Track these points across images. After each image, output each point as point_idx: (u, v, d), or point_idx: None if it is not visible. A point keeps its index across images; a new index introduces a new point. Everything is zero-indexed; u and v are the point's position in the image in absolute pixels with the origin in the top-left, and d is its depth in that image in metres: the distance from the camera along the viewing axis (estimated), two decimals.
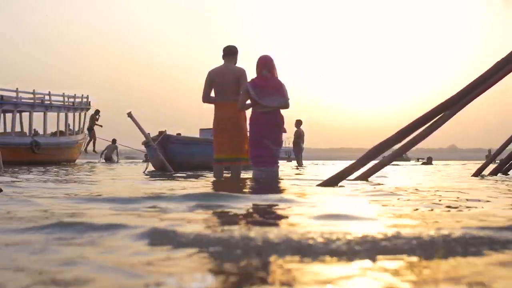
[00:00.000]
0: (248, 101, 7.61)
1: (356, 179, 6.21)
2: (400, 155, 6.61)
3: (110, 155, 28.31)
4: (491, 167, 9.38)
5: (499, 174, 8.92)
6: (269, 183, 6.63)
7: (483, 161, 10.55)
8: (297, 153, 21.22)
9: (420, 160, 31.81)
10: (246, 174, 8.51)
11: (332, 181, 5.48)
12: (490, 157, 9.29)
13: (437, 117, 5.72)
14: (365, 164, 5.73)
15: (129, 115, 10.13)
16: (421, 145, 6.66)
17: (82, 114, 28.15)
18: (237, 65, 8.26)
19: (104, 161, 27.43)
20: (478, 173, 8.74)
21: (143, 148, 29.25)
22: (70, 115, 27.15)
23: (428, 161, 28.55)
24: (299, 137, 21.02)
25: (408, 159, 43.56)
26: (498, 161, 9.48)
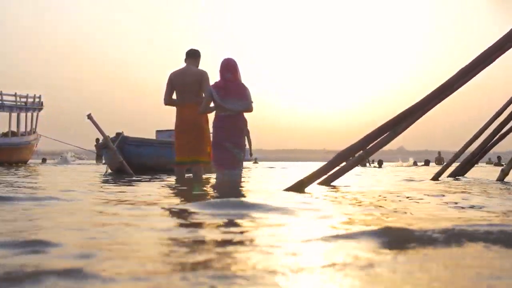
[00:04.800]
0: (212, 104, 7.57)
1: (320, 183, 6.21)
2: (363, 161, 6.66)
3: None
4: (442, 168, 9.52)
5: (456, 177, 9.11)
6: (232, 187, 6.60)
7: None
8: None
9: (374, 162, 32.16)
10: (210, 177, 8.45)
11: (299, 186, 5.50)
12: (450, 160, 9.42)
13: (399, 124, 5.79)
14: (332, 169, 5.76)
15: (89, 117, 9.93)
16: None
17: (35, 114, 27.62)
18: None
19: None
20: (437, 177, 8.86)
21: (94, 148, 28.87)
22: (23, 115, 26.59)
23: (379, 165, 28.86)
24: None
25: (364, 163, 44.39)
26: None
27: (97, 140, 29.31)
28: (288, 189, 5.52)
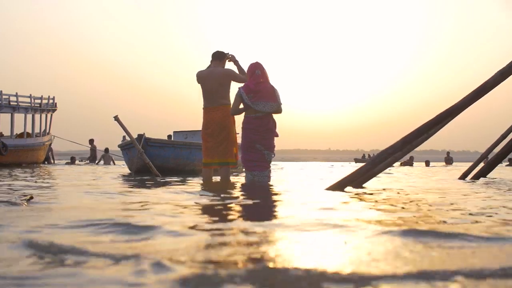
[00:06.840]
0: (241, 106, 7.64)
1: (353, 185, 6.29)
2: (393, 162, 6.72)
3: (108, 163, 28.24)
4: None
5: (481, 178, 9.14)
6: (263, 188, 6.68)
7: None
8: None
9: None
10: (237, 178, 8.52)
11: (339, 187, 5.62)
12: (477, 161, 9.47)
13: (435, 127, 5.87)
14: (371, 170, 5.85)
15: (116, 118, 10.06)
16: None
17: (49, 115, 27.79)
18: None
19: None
20: (464, 177, 8.92)
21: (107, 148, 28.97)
22: (37, 116, 26.75)
23: None
24: None
25: None
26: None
27: (90, 141, 29.73)
28: (329, 189, 5.65)
